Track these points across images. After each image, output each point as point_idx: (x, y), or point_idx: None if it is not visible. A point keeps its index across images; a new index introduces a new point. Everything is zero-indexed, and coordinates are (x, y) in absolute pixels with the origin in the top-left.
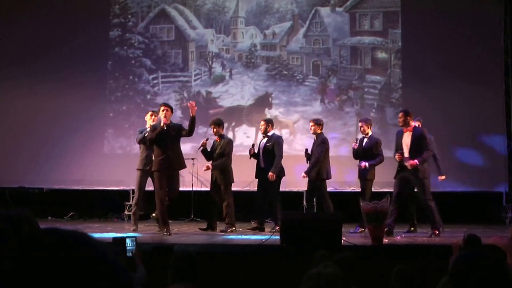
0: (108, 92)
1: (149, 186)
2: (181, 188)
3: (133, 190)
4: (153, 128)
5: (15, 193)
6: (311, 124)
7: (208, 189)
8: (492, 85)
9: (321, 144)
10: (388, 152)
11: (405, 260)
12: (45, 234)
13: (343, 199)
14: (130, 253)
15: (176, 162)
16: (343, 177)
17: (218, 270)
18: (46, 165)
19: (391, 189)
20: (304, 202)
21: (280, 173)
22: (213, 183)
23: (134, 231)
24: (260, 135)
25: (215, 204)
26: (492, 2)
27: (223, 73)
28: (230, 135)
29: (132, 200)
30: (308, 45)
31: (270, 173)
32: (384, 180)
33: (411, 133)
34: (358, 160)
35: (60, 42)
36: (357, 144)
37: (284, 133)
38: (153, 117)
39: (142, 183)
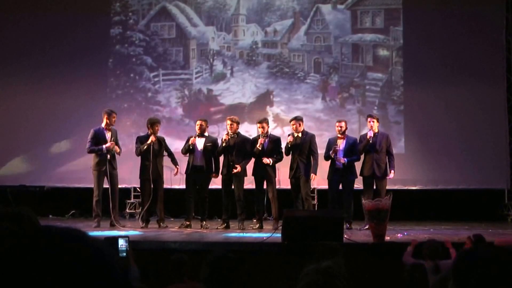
0: (109, 90)
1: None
2: (180, 186)
3: (134, 188)
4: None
5: (16, 192)
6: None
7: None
8: (494, 82)
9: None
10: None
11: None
12: (39, 231)
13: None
14: (124, 254)
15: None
16: None
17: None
18: (47, 164)
19: (391, 187)
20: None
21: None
22: None
23: (96, 228)
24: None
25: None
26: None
27: (224, 70)
28: None
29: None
30: (309, 42)
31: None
32: None
33: None
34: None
35: (60, 40)
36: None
37: (286, 131)
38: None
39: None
